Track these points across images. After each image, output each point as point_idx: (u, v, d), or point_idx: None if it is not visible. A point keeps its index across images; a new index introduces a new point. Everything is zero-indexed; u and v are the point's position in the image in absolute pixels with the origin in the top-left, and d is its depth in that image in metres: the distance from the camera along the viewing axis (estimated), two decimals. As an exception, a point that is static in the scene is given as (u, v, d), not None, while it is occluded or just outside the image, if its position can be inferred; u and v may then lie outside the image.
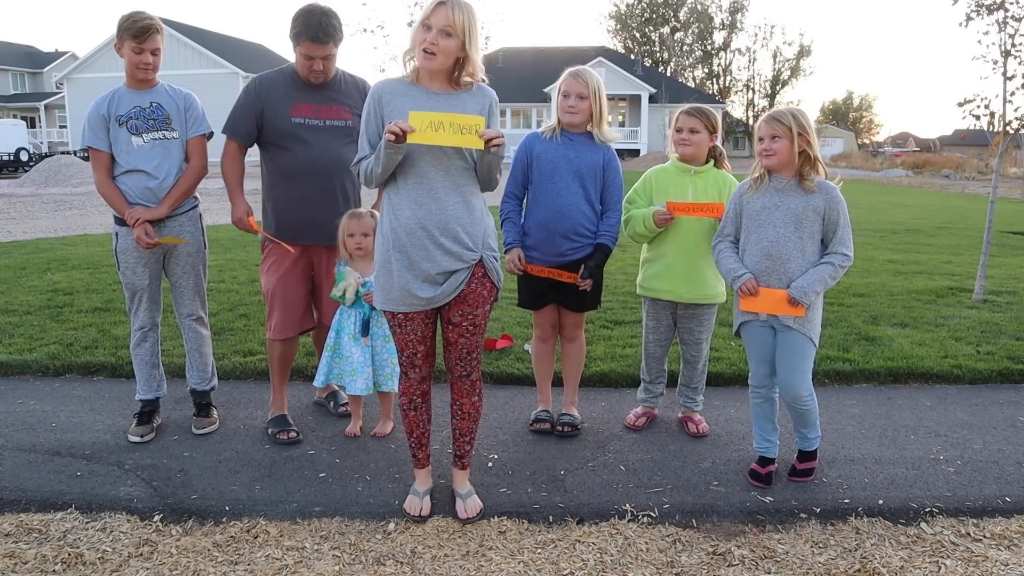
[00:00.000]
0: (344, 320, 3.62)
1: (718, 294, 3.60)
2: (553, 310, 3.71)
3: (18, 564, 2.61)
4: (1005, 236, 11.68)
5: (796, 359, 3.08)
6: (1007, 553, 2.70)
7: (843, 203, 3.04)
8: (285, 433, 3.64)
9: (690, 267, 3.51)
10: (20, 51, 54.45)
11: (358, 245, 3.56)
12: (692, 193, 3.49)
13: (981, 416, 3.99)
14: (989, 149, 8.51)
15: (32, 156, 32.44)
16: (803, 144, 2.98)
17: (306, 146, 3.51)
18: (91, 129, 3.53)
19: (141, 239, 3.44)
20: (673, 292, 3.57)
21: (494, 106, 2.85)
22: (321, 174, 3.52)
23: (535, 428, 3.74)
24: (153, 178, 3.50)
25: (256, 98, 3.52)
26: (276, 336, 3.69)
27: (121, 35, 3.44)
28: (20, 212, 14.91)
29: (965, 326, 5.59)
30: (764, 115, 3.11)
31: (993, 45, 6.32)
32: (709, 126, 3.48)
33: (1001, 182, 8.71)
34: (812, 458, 3.24)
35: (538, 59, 44.48)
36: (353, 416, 3.77)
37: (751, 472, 3.23)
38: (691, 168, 3.52)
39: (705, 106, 3.54)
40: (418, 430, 2.99)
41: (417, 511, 2.95)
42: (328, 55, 3.42)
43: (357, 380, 3.58)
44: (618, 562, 2.65)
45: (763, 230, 3.07)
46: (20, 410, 4.02)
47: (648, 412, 3.88)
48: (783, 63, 70.07)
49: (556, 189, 3.44)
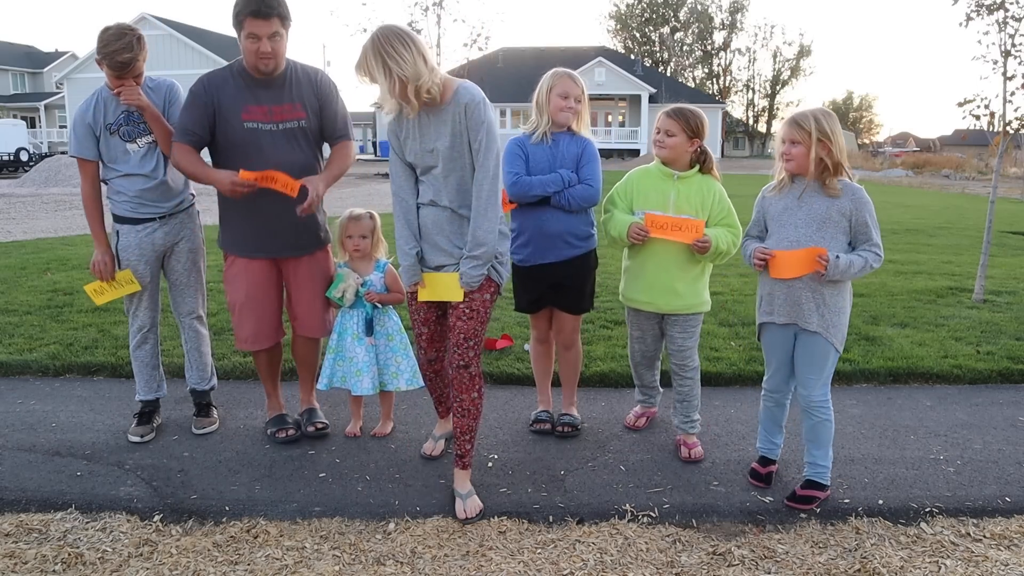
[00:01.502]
0: (347, 321, 3.60)
1: (700, 303, 3.46)
2: (549, 313, 3.71)
3: (18, 564, 2.61)
4: (1005, 236, 11.68)
5: (815, 363, 3.01)
6: (1007, 553, 2.70)
7: (870, 204, 2.94)
8: (284, 431, 3.64)
9: (670, 277, 3.37)
10: (20, 51, 54.48)
11: (356, 247, 3.56)
12: (674, 200, 3.32)
13: (981, 416, 3.99)
14: (989, 149, 8.50)
15: (32, 156, 32.46)
16: (823, 151, 2.86)
17: (257, 154, 3.29)
18: (76, 139, 3.48)
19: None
20: (653, 303, 3.45)
21: (471, 107, 2.82)
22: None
23: (535, 428, 3.74)
24: (151, 179, 3.51)
25: (207, 98, 3.29)
26: (251, 347, 3.60)
27: (99, 58, 3.32)
28: (20, 212, 14.92)
29: (965, 326, 5.59)
30: (788, 117, 2.98)
31: (993, 45, 6.32)
32: (688, 129, 3.28)
33: (1001, 182, 8.71)
34: (819, 488, 3.04)
35: (538, 59, 44.42)
36: (353, 416, 3.76)
37: (751, 471, 3.22)
38: (675, 173, 3.35)
39: (690, 107, 3.35)
40: (436, 392, 3.47)
41: (429, 451, 3.46)
42: (275, 32, 3.18)
43: (363, 380, 3.57)
44: (618, 562, 2.65)
45: (784, 230, 2.99)
46: (20, 410, 4.02)
47: (647, 412, 3.87)
48: (783, 63, 70.15)
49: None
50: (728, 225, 3.34)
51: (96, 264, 3.52)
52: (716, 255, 3.31)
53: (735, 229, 3.33)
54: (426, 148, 2.91)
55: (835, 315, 2.98)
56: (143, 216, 3.53)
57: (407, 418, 3.91)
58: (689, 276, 3.38)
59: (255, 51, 3.20)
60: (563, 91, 3.45)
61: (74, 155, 3.51)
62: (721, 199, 3.35)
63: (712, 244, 3.24)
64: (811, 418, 3.06)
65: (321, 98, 3.43)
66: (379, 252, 3.67)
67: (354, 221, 3.57)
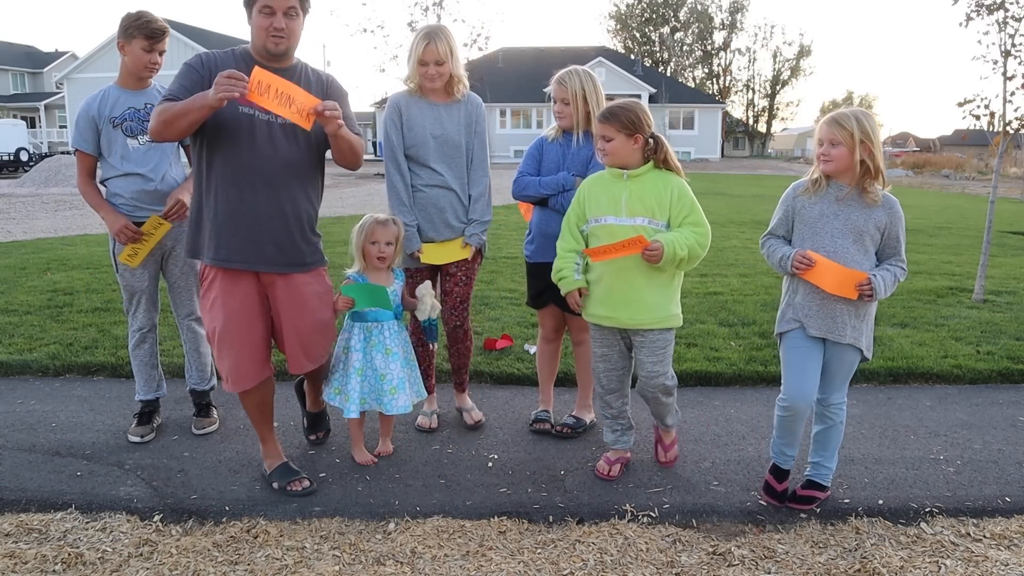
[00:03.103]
0: (375, 337, 3.28)
1: (667, 317, 3.09)
2: (557, 311, 3.68)
3: (18, 564, 2.60)
4: (1005, 236, 11.68)
5: (843, 372, 2.96)
6: (1007, 553, 2.70)
7: (903, 219, 2.88)
8: (298, 483, 3.12)
9: (631, 288, 3.04)
10: (20, 51, 54.46)
11: (381, 254, 3.25)
12: (626, 202, 3.01)
13: (981, 416, 3.99)
14: (989, 149, 8.50)
15: (32, 156, 32.43)
16: (864, 153, 2.74)
17: (248, 145, 2.89)
18: (78, 131, 3.50)
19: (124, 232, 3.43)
20: (614, 318, 3.10)
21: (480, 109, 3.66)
22: (267, 182, 2.91)
23: (535, 428, 3.74)
24: (150, 180, 3.49)
25: (202, 71, 2.88)
26: (234, 389, 3.07)
27: (129, 32, 3.40)
28: (20, 212, 14.91)
29: (965, 326, 5.59)
30: (827, 116, 2.83)
31: (993, 45, 6.32)
32: (624, 127, 2.96)
33: (1001, 182, 8.71)
34: (820, 489, 3.02)
35: (538, 59, 44.40)
36: (355, 440, 3.41)
37: (766, 486, 3.05)
38: (624, 173, 3.05)
39: (620, 104, 3.03)
40: (423, 364, 3.70)
41: (426, 425, 3.77)
42: (291, 7, 2.85)
43: (399, 398, 3.28)
44: (618, 562, 2.65)
45: (819, 238, 2.84)
46: (20, 410, 4.02)
47: (621, 457, 3.33)
48: (783, 63, 70.03)
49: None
50: (693, 223, 3.00)
51: (119, 232, 3.44)
52: (675, 262, 2.95)
53: (701, 228, 3.00)
54: (434, 133, 3.54)
55: (864, 323, 2.92)
56: (141, 219, 3.50)
57: (407, 418, 3.90)
58: (653, 285, 3.04)
59: (267, 27, 2.85)
60: (553, 95, 3.58)
61: (74, 147, 3.52)
62: (681, 195, 3.01)
63: (666, 250, 2.88)
64: (825, 421, 3.02)
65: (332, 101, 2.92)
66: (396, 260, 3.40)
67: (381, 226, 3.25)
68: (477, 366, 4.63)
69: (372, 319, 3.29)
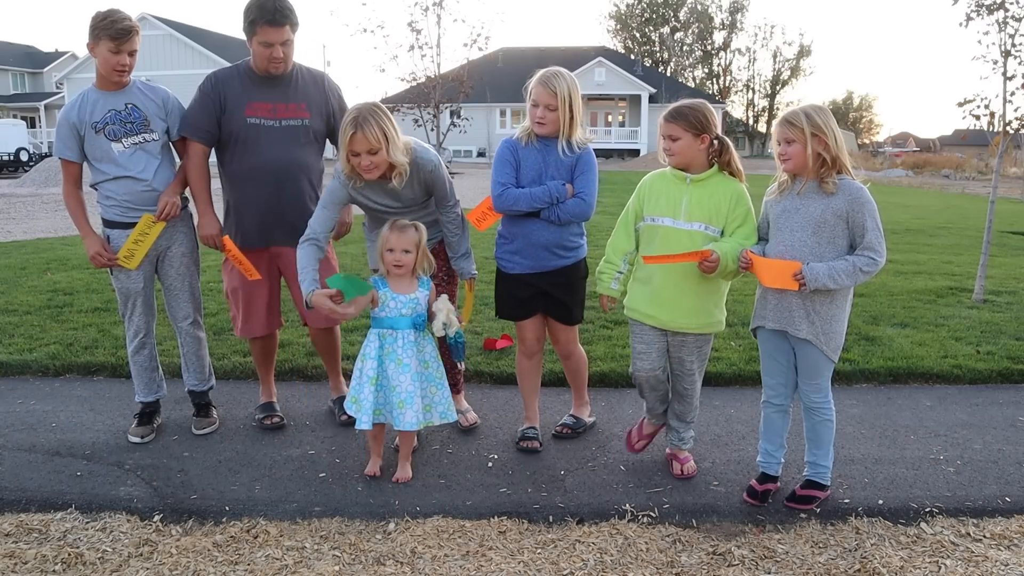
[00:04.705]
0: (391, 344, 3.16)
1: (711, 323, 3.16)
2: (540, 322, 3.53)
3: (18, 564, 2.60)
4: (1005, 236, 11.68)
5: (808, 370, 2.98)
6: (1007, 553, 2.70)
7: (869, 204, 2.81)
8: (269, 419, 3.79)
9: (679, 292, 3.07)
10: (20, 51, 54.45)
11: (397, 262, 3.14)
12: (686, 206, 3.02)
13: (981, 416, 3.99)
14: (989, 149, 8.50)
15: (32, 156, 32.39)
16: (819, 147, 2.78)
17: (256, 149, 3.49)
18: (60, 139, 3.43)
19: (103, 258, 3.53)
20: (656, 318, 3.13)
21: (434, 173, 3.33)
22: (271, 180, 3.51)
23: (523, 447, 3.52)
24: (142, 181, 3.45)
25: (215, 95, 3.47)
26: (243, 335, 3.84)
27: (96, 34, 3.27)
28: (20, 212, 14.91)
29: (965, 326, 5.59)
30: (779, 117, 2.92)
31: (993, 45, 6.32)
32: (692, 128, 2.97)
33: (1001, 182, 8.71)
34: (819, 489, 3.03)
35: (538, 59, 44.18)
36: (373, 452, 3.31)
37: (748, 488, 3.08)
38: (687, 176, 3.03)
39: (687, 103, 3.02)
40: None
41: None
42: (287, 40, 3.38)
43: (406, 413, 3.11)
44: (618, 562, 2.65)
45: (781, 234, 2.92)
46: (20, 410, 4.02)
47: (653, 432, 3.45)
48: (783, 63, 70.05)
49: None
50: (747, 234, 3.03)
51: (93, 258, 3.50)
52: (726, 273, 2.98)
53: (754, 238, 3.04)
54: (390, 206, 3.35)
55: (827, 323, 2.90)
56: (134, 220, 3.46)
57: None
58: (701, 291, 3.08)
59: (268, 56, 3.38)
60: (534, 98, 3.24)
61: (57, 156, 3.48)
62: (738, 202, 3.03)
63: (721, 262, 2.89)
64: (812, 418, 3.06)
65: (329, 100, 3.63)
66: (423, 268, 3.25)
67: (396, 232, 3.14)
68: (477, 366, 4.63)
69: (388, 325, 3.17)
